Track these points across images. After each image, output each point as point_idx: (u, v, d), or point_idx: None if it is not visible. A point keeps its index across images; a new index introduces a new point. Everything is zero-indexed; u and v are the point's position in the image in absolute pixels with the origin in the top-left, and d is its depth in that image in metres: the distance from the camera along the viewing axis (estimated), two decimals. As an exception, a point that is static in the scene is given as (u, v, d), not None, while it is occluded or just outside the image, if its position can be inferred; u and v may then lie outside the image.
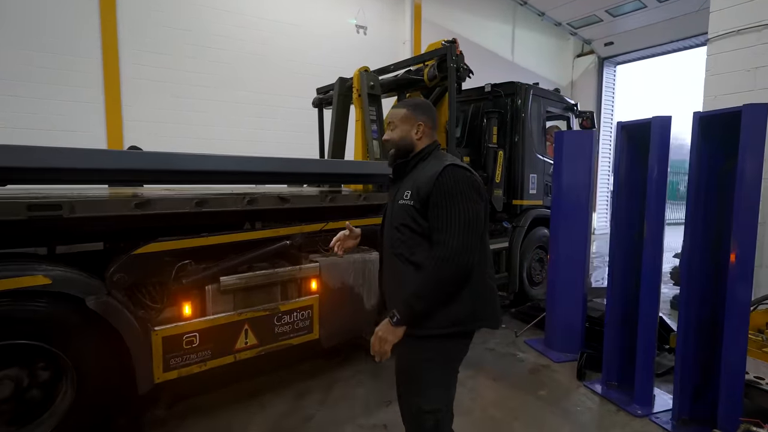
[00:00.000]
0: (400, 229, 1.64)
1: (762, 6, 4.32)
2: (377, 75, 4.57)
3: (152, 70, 6.34)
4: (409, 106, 1.77)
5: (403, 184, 1.71)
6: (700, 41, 9.28)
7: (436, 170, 1.58)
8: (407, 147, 1.73)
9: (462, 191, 1.56)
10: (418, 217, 1.60)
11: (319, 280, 3.16)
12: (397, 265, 1.66)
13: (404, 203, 1.64)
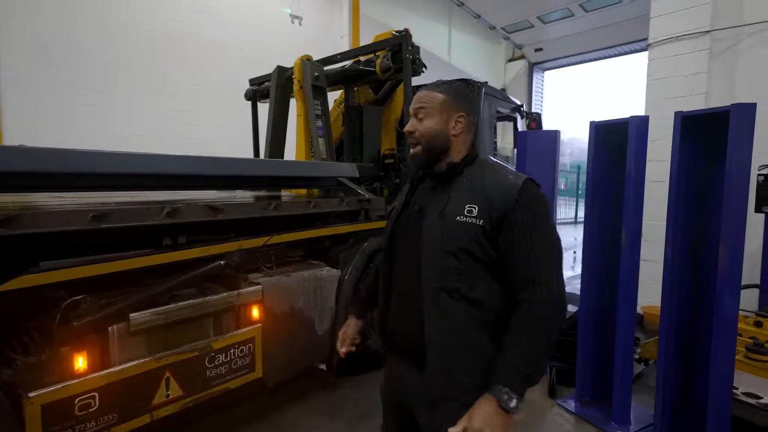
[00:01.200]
0: (458, 256, 1.20)
1: (698, 14, 4.46)
2: (321, 65, 4.06)
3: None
4: (449, 90, 1.32)
5: (453, 193, 1.27)
6: (625, 50, 9.90)
7: (513, 183, 1.21)
8: (440, 144, 1.30)
9: (548, 216, 1.23)
10: (485, 243, 1.19)
11: (262, 305, 2.60)
12: (445, 303, 1.21)
13: (467, 221, 1.20)
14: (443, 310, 1.21)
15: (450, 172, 1.31)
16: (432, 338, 1.22)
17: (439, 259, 1.22)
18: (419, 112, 1.32)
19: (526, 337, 1.14)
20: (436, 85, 1.34)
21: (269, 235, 2.69)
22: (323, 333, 3.02)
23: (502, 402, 1.07)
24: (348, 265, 3.22)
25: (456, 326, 1.20)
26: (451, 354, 1.20)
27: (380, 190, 4.32)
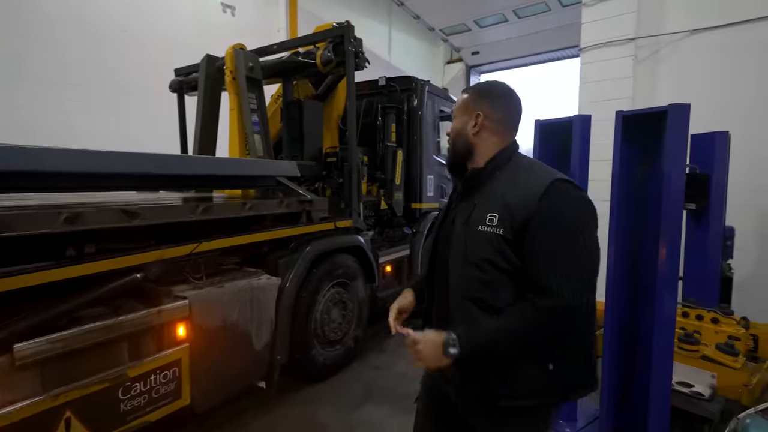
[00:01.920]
0: (481, 267, 1.18)
1: (624, 22, 4.71)
2: (256, 56, 3.75)
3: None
4: (475, 90, 1.33)
5: (482, 201, 1.24)
6: (560, 55, 10.37)
7: (537, 186, 1.15)
8: (462, 146, 1.31)
9: (578, 220, 1.15)
10: (509, 252, 1.15)
11: (189, 322, 2.28)
12: (473, 312, 1.20)
13: (488, 231, 1.17)
14: (471, 321, 1.19)
15: (475, 177, 1.29)
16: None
17: (464, 269, 1.21)
18: (453, 115, 1.36)
19: (505, 323, 1.14)
20: (467, 89, 1.36)
21: (197, 241, 2.37)
22: (262, 347, 2.75)
23: (447, 342, 1.14)
24: (289, 272, 2.97)
25: None
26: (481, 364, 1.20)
27: (322, 190, 4.09)
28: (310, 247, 3.12)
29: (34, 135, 4.41)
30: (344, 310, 3.53)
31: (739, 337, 2.99)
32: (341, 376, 3.49)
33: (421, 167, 4.68)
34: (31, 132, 4.52)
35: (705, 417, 2.60)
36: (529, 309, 1.13)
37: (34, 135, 4.41)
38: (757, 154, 4.11)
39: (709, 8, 4.42)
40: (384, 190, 4.38)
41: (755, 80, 4.16)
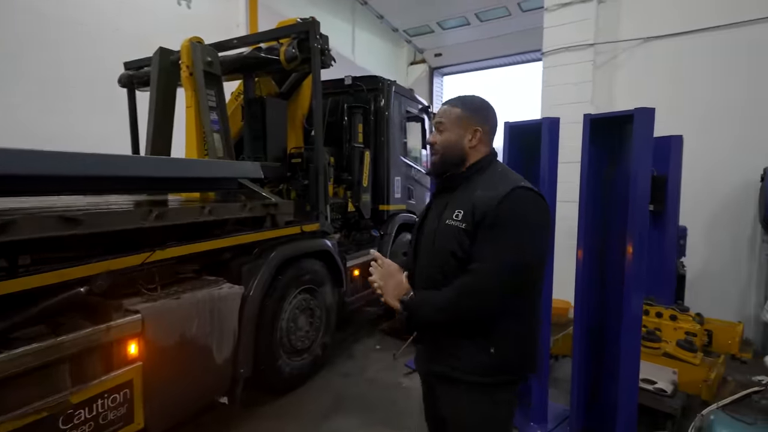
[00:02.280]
0: (444, 256, 1.36)
1: (583, 28, 4.85)
2: (215, 50, 3.54)
3: None
4: (466, 105, 1.46)
5: (454, 199, 1.41)
6: (523, 59, 10.57)
7: (500, 191, 1.30)
8: (456, 156, 1.45)
9: (527, 221, 1.30)
10: (466, 243, 1.32)
11: (142, 338, 2.08)
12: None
13: (453, 224, 1.35)
14: None
15: (454, 179, 1.45)
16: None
17: (429, 259, 1.41)
18: (439, 125, 1.47)
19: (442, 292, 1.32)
20: (455, 101, 1.48)
21: (150, 250, 2.18)
22: (224, 361, 2.57)
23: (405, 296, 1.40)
24: (253, 279, 2.81)
25: None
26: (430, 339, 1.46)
27: (287, 192, 3.93)
28: (275, 253, 2.96)
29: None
30: (311, 317, 3.39)
31: (695, 333, 3.11)
32: (309, 385, 3.36)
33: (388, 169, 4.61)
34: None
35: (668, 413, 2.68)
36: (457, 282, 1.29)
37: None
38: (706, 157, 4.33)
39: (661, 17, 4.62)
40: (351, 191, 4.27)
41: (706, 86, 4.39)
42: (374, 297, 4.43)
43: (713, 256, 4.52)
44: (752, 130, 4.24)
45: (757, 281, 4.29)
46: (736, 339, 3.05)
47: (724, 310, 4.13)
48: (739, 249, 4.38)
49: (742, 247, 4.37)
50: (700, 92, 4.38)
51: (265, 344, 2.90)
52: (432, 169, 1.52)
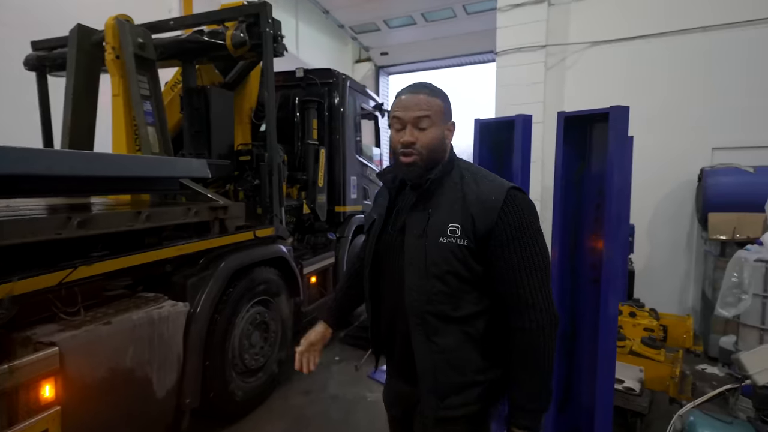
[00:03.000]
0: (444, 279, 1.16)
1: (535, 29, 4.91)
2: (149, 31, 3.08)
3: None
4: (442, 96, 1.25)
5: (433, 209, 1.21)
6: (475, 59, 10.65)
7: (496, 195, 1.16)
8: (440, 157, 1.24)
9: (534, 227, 1.17)
10: (472, 262, 1.16)
11: (60, 377, 1.67)
12: (434, 325, 1.18)
13: (451, 242, 1.15)
14: (432, 333, 1.18)
15: (431, 186, 1.22)
16: (423, 361, 1.20)
17: (424, 282, 1.17)
18: (422, 121, 1.19)
19: (526, 372, 1.14)
20: (432, 90, 1.23)
21: (71, 266, 1.76)
22: (166, 393, 2.19)
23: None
24: (200, 294, 2.44)
25: (446, 347, 1.18)
26: (442, 375, 1.18)
27: (234, 193, 3.54)
28: (225, 263, 2.61)
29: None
30: (266, 331, 3.06)
31: (653, 329, 3.19)
32: (265, 408, 3.02)
33: (344, 168, 4.35)
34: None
35: (636, 411, 2.69)
36: (525, 338, 1.14)
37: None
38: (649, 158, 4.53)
39: (607, 23, 4.79)
40: (305, 192, 3.96)
41: (649, 90, 4.59)
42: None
43: (655, 252, 4.76)
44: (690, 133, 4.52)
45: (695, 275, 4.56)
46: (690, 333, 3.17)
47: (667, 303, 4.35)
48: (678, 245, 4.65)
49: (682, 243, 4.64)
50: (643, 96, 4.58)
51: (214, 368, 2.54)
52: (408, 173, 1.23)
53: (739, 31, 4.33)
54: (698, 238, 4.54)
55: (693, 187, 4.50)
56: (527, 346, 1.14)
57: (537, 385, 1.14)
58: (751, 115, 4.30)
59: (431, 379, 1.19)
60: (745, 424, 1.99)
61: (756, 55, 4.28)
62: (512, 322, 1.15)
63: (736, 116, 4.36)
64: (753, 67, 4.29)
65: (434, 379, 1.19)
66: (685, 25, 4.44)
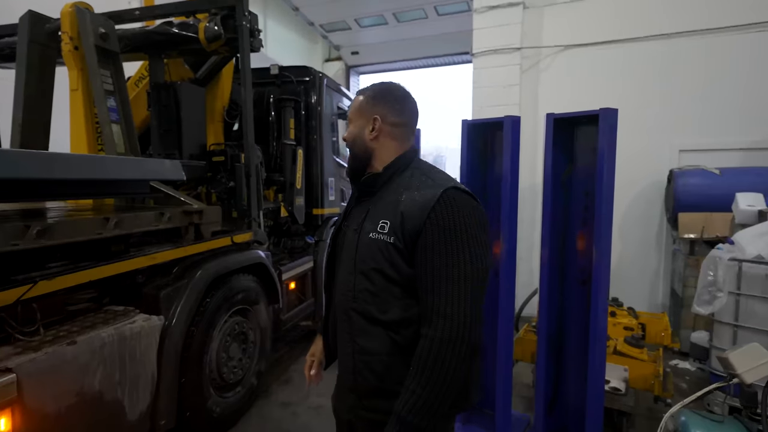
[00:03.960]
0: (369, 276, 1.13)
1: (510, 32, 4.94)
2: (111, 21, 2.84)
3: None
4: (368, 92, 1.26)
5: (374, 207, 1.19)
6: (449, 60, 10.64)
7: (430, 195, 1.10)
8: (360, 152, 1.24)
9: (468, 231, 1.08)
10: (399, 261, 1.11)
11: (18, 408, 1.48)
12: (358, 325, 1.16)
13: (378, 238, 1.12)
14: (355, 333, 1.16)
15: (371, 183, 1.23)
16: (344, 359, 1.20)
17: (351, 278, 1.17)
18: (349, 118, 1.29)
19: (418, 381, 1.04)
20: (362, 90, 1.27)
21: (30, 280, 1.56)
22: (139, 415, 2.01)
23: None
24: (174, 306, 2.25)
25: (368, 350, 1.14)
26: (360, 376, 1.16)
27: (206, 196, 3.33)
28: (202, 271, 2.43)
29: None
30: (245, 342, 2.89)
31: (633, 327, 3.25)
32: (244, 423, 2.86)
33: (322, 169, 4.21)
34: None
35: (622, 411, 2.72)
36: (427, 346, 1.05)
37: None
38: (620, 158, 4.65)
39: (579, 28, 4.88)
40: (283, 194, 3.80)
41: (620, 93, 4.71)
42: (310, 311, 4.02)
43: (626, 251, 4.89)
44: (658, 135, 4.67)
45: (664, 273, 4.72)
46: (668, 330, 3.25)
47: (638, 301, 4.47)
48: (648, 244, 4.80)
49: (651, 241, 4.79)
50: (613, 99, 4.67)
51: (191, 385, 2.36)
52: (347, 170, 1.32)
53: (698, 39, 4.53)
54: (667, 237, 4.70)
55: (661, 188, 4.65)
56: (428, 356, 1.03)
57: (420, 398, 1.03)
58: (714, 119, 4.50)
59: (351, 378, 1.19)
60: (734, 421, 2.03)
61: (713, 63, 4.48)
62: (422, 329, 1.07)
63: (700, 120, 4.55)
64: (711, 73, 4.50)
65: (354, 378, 1.18)
66: (650, 31, 4.60)
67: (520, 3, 4.86)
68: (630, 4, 4.72)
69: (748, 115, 4.39)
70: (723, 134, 4.45)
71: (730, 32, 4.44)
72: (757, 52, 4.36)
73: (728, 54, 4.44)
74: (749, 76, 4.39)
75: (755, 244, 2.97)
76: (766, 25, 4.31)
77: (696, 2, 4.52)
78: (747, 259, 2.93)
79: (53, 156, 1.94)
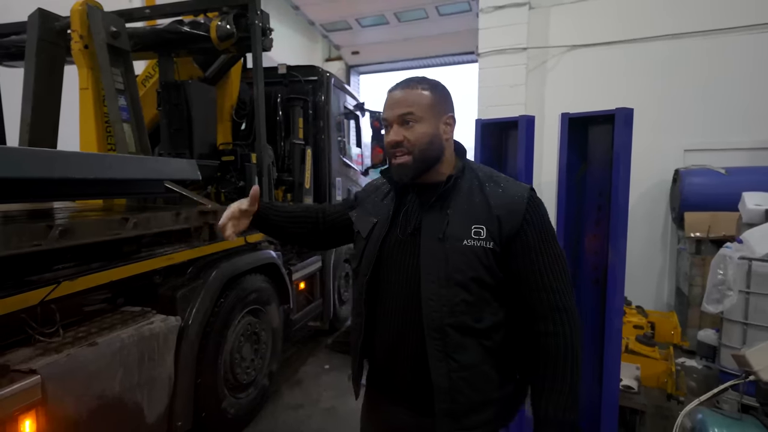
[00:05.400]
0: (468, 286, 1.07)
1: (516, 32, 4.95)
2: (122, 19, 2.82)
3: None
4: (435, 88, 1.15)
5: (452, 211, 1.11)
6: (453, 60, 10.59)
7: (519, 198, 1.10)
8: (436, 153, 1.14)
9: (552, 229, 1.14)
10: (495, 267, 1.08)
11: (42, 410, 1.46)
12: (455, 341, 1.07)
13: (475, 245, 1.06)
14: (451, 349, 1.08)
15: (449, 187, 1.14)
16: (439, 381, 1.08)
17: (445, 291, 1.08)
18: (407, 117, 1.11)
19: (562, 379, 1.06)
20: (417, 82, 1.15)
21: (54, 281, 1.55)
22: (157, 417, 1.99)
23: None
24: (191, 307, 2.24)
25: (466, 365, 1.08)
26: (459, 394, 1.08)
27: (216, 195, 3.32)
28: (217, 272, 2.41)
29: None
30: (257, 343, 2.87)
31: (642, 326, 3.26)
32: (258, 424, 2.84)
33: (330, 168, 4.20)
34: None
35: (635, 409, 2.73)
36: (557, 343, 1.07)
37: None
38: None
39: (585, 28, 4.90)
40: (291, 194, 3.78)
41: (625, 92, 4.72)
42: (318, 311, 4.01)
43: (632, 250, 4.87)
44: (663, 135, 4.69)
45: (669, 272, 4.75)
46: (678, 329, 3.26)
47: (644, 299, 4.48)
48: (654, 243, 4.82)
49: (657, 241, 4.81)
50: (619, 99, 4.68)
51: (207, 386, 2.34)
52: (400, 174, 1.14)
53: (702, 39, 4.56)
54: (673, 236, 4.72)
55: (667, 187, 4.67)
56: (564, 351, 1.06)
57: (569, 395, 1.06)
58: (719, 119, 4.53)
59: (448, 399, 1.08)
60: (752, 419, 2.04)
61: (717, 63, 4.51)
62: (540, 328, 1.08)
63: (705, 119, 4.58)
64: (715, 73, 4.53)
65: (451, 399, 1.08)
66: (654, 32, 4.63)
67: (526, 3, 4.87)
68: (634, 5, 4.75)
69: (752, 114, 4.42)
70: (728, 134, 4.48)
71: (733, 33, 4.47)
72: (760, 52, 4.39)
73: (732, 54, 4.47)
74: (753, 76, 4.42)
75: (765, 243, 2.99)
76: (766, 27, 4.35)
77: (700, 3, 4.55)
78: (757, 258, 2.95)
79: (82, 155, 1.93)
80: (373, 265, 1.18)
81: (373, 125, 5.20)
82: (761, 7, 4.36)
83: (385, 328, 1.17)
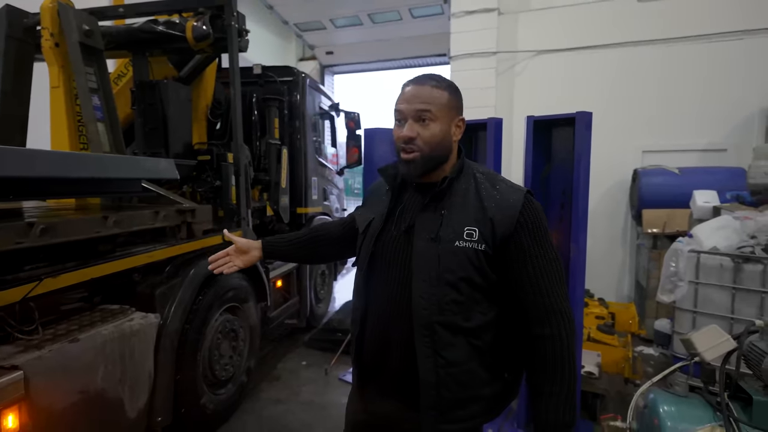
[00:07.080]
0: (458, 286, 1.08)
1: (486, 36, 5.13)
2: (95, 18, 2.80)
3: None
4: (451, 88, 1.14)
5: (447, 212, 1.12)
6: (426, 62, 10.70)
7: (514, 199, 1.10)
8: (444, 154, 1.15)
9: (548, 232, 1.13)
10: (487, 268, 1.09)
11: (25, 405, 1.48)
12: (444, 338, 1.09)
13: (467, 247, 1.08)
14: (440, 346, 1.09)
15: (444, 188, 1.14)
16: (426, 375, 1.09)
17: (435, 289, 1.09)
18: (423, 114, 1.10)
19: (560, 381, 1.07)
20: (434, 80, 1.13)
21: (35, 279, 1.57)
22: (138, 413, 2.02)
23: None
24: (169, 305, 2.27)
25: (453, 362, 1.09)
26: (446, 390, 1.09)
27: (191, 195, 3.32)
28: (196, 269, 2.45)
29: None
30: (235, 340, 2.91)
31: (603, 316, 3.48)
32: (236, 420, 2.88)
33: (306, 168, 4.26)
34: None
35: (596, 393, 2.92)
36: (553, 346, 1.08)
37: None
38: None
39: (550, 34, 5.13)
40: (268, 193, 3.82)
41: (589, 96, 4.97)
42: (295, 309, 4.06)
43: (594, 246, 5.14)
44: (625, 136, 4.97)
45: (629, 266, 5.03)
46: (636, 319, 3.49)
47: (605, 292, 4.75)
48: (614, 239, 5.10)
49: (617, 237, 5.09)
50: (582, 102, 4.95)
51: (186, 382, 2.37)
52: (408, 170, 1.14)
53: (658, 47, 4.86)
54: (632, 232, 5.01)
55: (626, 187, 4.96)
56: (560, 353, 1.07)
57: (566, 397, 1.07)
58: (673, 122, 4.84)
59: (434, 394, 1.09)
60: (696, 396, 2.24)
61: (672, 70, 4.83)
62: (536, 331, 1.09)
63: (660, 122, 4.88)
64: (670, 79, 4.84)
65: (437, 394, 1.09)
66: (614, 39, 4.91)
67: (496, 9, 5.06)
68: (594, 14, 5.02)
69: (703, 118, 4.75)
70: (682, 136, 4.79)
71: (686, 42, 4.79)
72: (711, 60, 4.72)
73: (686, 61, 4.79)
74: (705, 82, 4.75)
75: (712, 238, 3.25)
76: (718, 36, 4.68)
77: (655, 14, 4.86)
78: (704, 251, 3.20)
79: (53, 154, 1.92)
80: (368, 260, 1.20)
81: (348, 125, 5.28)
82: (710, 18, 4.69)
83: (377, 321, 1.19)
